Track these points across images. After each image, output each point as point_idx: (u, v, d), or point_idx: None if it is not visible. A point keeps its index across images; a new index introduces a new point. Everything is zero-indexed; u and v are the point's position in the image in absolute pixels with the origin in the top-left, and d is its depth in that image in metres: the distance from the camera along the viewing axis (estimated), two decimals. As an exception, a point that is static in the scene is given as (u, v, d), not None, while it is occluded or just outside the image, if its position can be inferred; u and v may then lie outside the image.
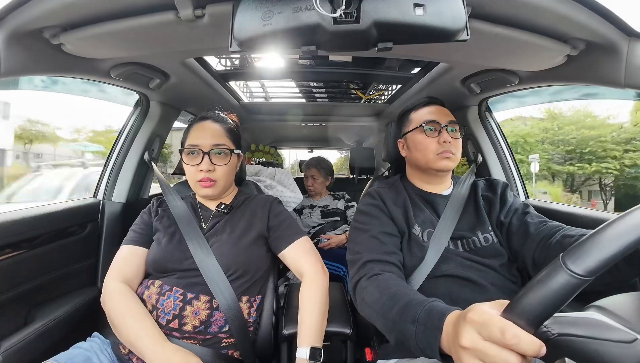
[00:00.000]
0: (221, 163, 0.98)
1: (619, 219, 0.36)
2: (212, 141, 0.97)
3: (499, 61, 0.99)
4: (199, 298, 0.88)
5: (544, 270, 0.38)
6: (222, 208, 1.02)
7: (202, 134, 0.98)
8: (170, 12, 0.73)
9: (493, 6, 0.71)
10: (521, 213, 0.93)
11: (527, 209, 0.94)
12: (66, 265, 1.18)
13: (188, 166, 0.98)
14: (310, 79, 2.27)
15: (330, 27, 0.61)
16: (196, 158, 0.96)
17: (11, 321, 0.98)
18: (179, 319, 0.85)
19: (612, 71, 0.80)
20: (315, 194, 2.42)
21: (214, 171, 0.97)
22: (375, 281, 0.77)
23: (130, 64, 1.06)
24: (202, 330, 0.87)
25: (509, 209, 0.96)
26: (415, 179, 1.05)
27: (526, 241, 0.86)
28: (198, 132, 0.98)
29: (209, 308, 0.88)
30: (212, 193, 0.99)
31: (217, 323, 0.89)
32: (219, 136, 0.99)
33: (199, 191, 1.02)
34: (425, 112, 1.00)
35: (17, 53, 0.76)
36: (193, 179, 0.98)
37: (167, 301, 0.87)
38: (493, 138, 1.53)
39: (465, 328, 0.43)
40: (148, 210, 1.06)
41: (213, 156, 0.97)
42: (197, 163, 0.96)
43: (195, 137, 0.98)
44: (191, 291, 0.88)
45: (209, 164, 0.95)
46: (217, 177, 0.97)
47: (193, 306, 0.87)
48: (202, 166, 0.95)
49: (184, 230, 0.96)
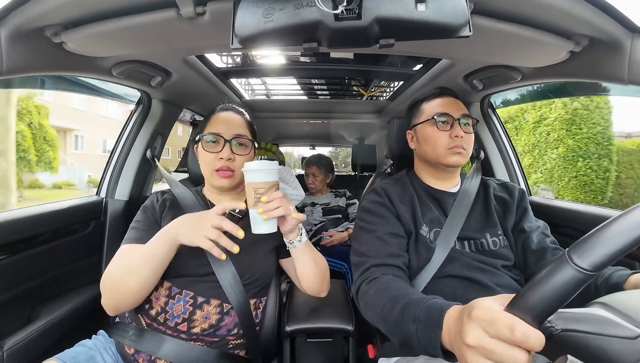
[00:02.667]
0: (242, 153, 0.95)
1: (625, 214, 0.36)
2: (234, 130, 0.95)
3: (501, 57, 0.99)
4: (210, 302, 0.87)
5: (549, 265, 0.37)
6: (237, 212, 0.97)
7: (224, 123, 0.96)
8: (172, 10, 0.73)
9: (496, 2, 0.71)
10: (541, 233, 0.92)
11: (546, 230, 0.94)
12: (69, 263, 1.19)
13: (207, 153, 0.94)
14: (311, 76, 2.26)
15: (331, 24, 0.60)
16: (217, 146, 0.94)
17: (15, 319, 0.99)
18: (188, 322, 0.84)
19: (615, 68, 0.79)
20: (316, 191, 2.42)
21: (233, 161, 0.94)
22: (376, 285, 0.76)
23: (131, 62, 1.06)
24: (211, 332, 0.86)
25: (530, 221, 0.94)
26: (423, 173, 1.02)
27: (539, 262, 0.87)
28: (220, 121, 0.97)
29: (219, 312, 0.87)
30: (229, 184, 0.96)
31: (227, 327, 0.88)
32: (240, 126, 0.98)
33: (215, 182, 0.96)
34: (438, 104, 0.96)
35: (18, 52, 0.76)
36: (210, 168, 0.94)
37: (177, 305, 0.85)
38: (496, 134, 1.52)
39: (470, 326, 0.42)
40: (152, 206, 0.98)
41: (234, 145, 0.95)
42: (217, 151, 0.93)
43: (216, 125, 0.96)
44: (202, 295, 0.86)
45: (229, 152, 0.93)
46: (236, 167, 0.94)
47: (203, 311, 0.86)
48: (222, 154, 0.92)
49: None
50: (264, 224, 0.79)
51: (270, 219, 0.78)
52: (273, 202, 0.78)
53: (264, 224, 0.79)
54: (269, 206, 0.78)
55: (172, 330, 0.84)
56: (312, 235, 2.18)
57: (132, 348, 0.84)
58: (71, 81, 1.23)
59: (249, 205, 0.81)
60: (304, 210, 2.34)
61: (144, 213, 0.96)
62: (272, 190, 0.80)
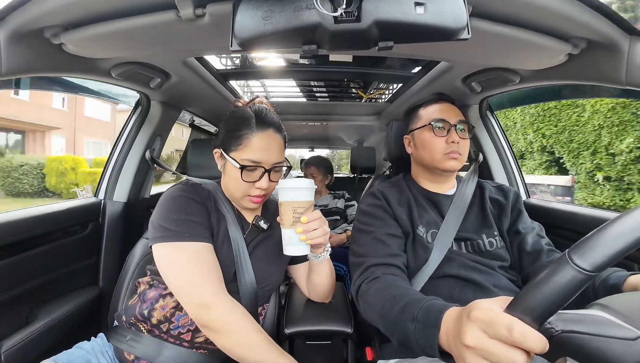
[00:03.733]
0: (278, 179, 0.89)
1: (626, 215, 0.36)
2: (275, 158, 0.86)
3: (500, 59, 0.99)
4: None
5: (549, 266, 0.37)
6: (262, 223, 0.92)
7: (266, 148, 0.84)
8: (171, 12, 0.73)
9: (494, 5, 0.71)
10: (536, 235, 0.93)
11: (541, 232, 0.95)
12: (67, 265, 1.19)
13: (242, 181, 0.84)
14: (311, 78, 2.27)
15: (330, 26, 0.60)
16: (253, 174, 0.84)
17: (13, 320, 0.98)
18: (194, 332, 0.83)
19: (613, 70, 0.80)
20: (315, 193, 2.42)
21: (267, 188, 0.86)
22: (377, 284, 0.77)
23: (131, 64, 1.06)
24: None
25: (524, 223, 0.95)
26: (420, 177, 1.04)
27: (534, 264, 0.88)
28: (262, 143, 0.84)
29: None
30: (258, 206, 0.93)
31: None
32: (280, 151, 0.88)
33: (244, 204, 0.90)
34: (435, 110, 0.98)
35: (18, 53, 0.76)
36: (243, 192, 0.86)
37: (184, 318, 0.82)
38: (494, 136, 1.53)
39: (469, 327, 0.42)
40: (202, 200, 0.87)
41: (272, 173, 0.87)
42: (254, 180, 0.84)
43: (257, 150, 0.83)
44: None
45: (267, 182, 0.85)
46: (269, 192, 0.89)
47: None
48: (261, 184, 0.84)
49: (234, 237, 0.86)
50: (299, 246, 0.76)
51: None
52: (313, 223, 0.75)
53: (299, 246, 0.76)
54: (309, 227, 0.75)
55: (174, 338, 0.83)
56: None
57: (132, 355, 0.82)
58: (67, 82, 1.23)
59: (285, 225, 0.76)
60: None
61: (197, 208, 0.84)
62: (310, 210, 0.77)
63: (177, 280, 0.76)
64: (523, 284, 0.90)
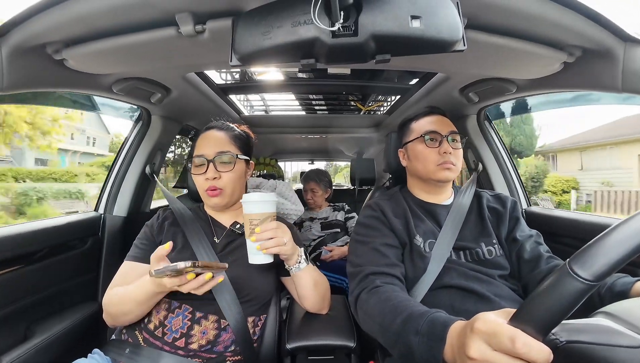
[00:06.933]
0: (226, 169, 0.97)
1: (624, 223, 0.36)
2: (216, 148, 0.97)
3: (496, 70, 1.00)
4: (207, 318, 0.87)
5: (551, 276, 0.37)
6: (237, 228, 1.00)
7: (206, 143, 0.98)
8: (172, 28, 0.74)
9: (489, 16, 0.72)
10: (534, 242, 0.93)
11: (539, 239, 0.95)
12: (66, 280, 1.18)
13: (196, 176, 0.98)
14: (309, 91, 2.28)
15: (328, 41, 0.61)
16: (202, 167, 0.96)
17: (11, 336, 0.97)
18: (186, 338, 0.84)
19: (609, 77, 0.80)
20: (315, 206, 2.42)
21: (219, 179, 0.96)
22: (376, 294, 0.76)
23: (132, 79, 1.07)
24: (209, 349, 0.86)
25: (522, 230, 0.95)
26: (416, 189, 1.05)
27: (533, 271, 0.87)
28: (203, 141, 0.99)
29: (216, 328, 0.87)
30: (220, 202, 0.98)
31: (224, 343, 0.88)
32: (222, 144, 0.99)
33: (208, 202, 1.00)
34: (426, 122, 1.00)
35: (19, 68, 0.77)
36: (202, 190, 0.98)
37: (176, 319, 0.86)
38: (493, 146, 1.53)
39: (473, 339, 0.42)
40: (151, 224, 1.03)
41: (218, 163, 0.96)
42: (203, 172, 0.96)
43: (200, 147, 0.98)
44: (200, 310, 0.87)
45: (214, 171, 0.95)
46: (223, 185, 0.96)
47: (201, 326, 0.86)
48: (207, 174, 0.95)
49: (195, 246, 0.94)
50: (258, 255, 0.83)
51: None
52: (266, 232, 0.81)
53: (258, 255, 0.83)
54: (262, 236, 0.81)
55: (169, 345, 0.84)
56: (312, 250, 2.16)
57: None
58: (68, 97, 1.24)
59: (246, 235, 0.85)
60: (302, 225, 2.33)
61: (144, 231, 1.01)
62: (267, 221, 0.83)
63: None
64: (523, 292, 0.89)
